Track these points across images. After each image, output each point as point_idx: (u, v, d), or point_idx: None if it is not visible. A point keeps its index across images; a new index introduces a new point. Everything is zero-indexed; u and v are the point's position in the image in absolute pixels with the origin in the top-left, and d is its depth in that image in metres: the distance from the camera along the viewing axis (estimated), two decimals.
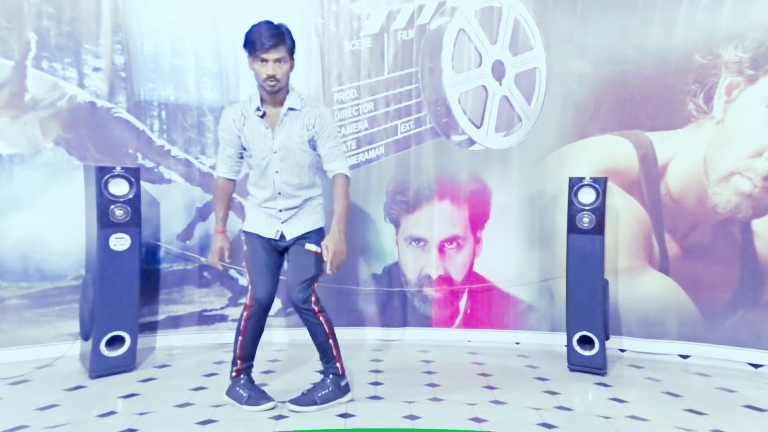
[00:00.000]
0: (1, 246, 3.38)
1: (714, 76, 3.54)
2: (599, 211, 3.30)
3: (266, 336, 3.91)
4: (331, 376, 2.79)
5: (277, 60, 2.54)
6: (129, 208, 3.14)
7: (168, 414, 2.66)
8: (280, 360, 3.54)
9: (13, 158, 3.40)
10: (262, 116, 2.66)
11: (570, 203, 3.36)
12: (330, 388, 2.77)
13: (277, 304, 3.99)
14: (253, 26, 2.59)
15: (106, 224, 3.10)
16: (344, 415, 2.66)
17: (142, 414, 2.64)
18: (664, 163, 3.70)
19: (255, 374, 3.23)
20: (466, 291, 4.01)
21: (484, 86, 3.93)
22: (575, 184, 3.35)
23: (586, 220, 3.31)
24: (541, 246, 3.92)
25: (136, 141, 3.67)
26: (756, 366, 3.50)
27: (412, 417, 2.65)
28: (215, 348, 3.73)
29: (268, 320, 3.94)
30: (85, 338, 3.21)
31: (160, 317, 3.77)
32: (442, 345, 3.93)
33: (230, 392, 2.79)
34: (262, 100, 2.66)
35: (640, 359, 3.67)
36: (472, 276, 4.01)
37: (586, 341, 3.35)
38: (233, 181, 2.83)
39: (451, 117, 3.95)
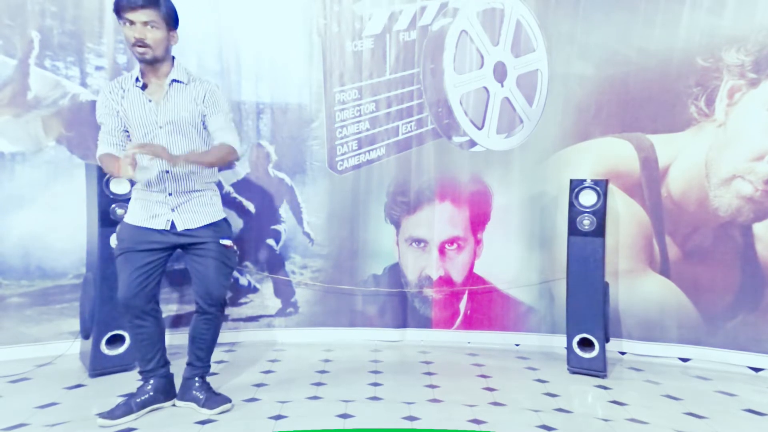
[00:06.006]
0: (2, 244, 3.39)
1: (716, 78, 3.54)
2: (600, 213, 3.30)
3: (266, 336, 3.96)
4: (204, 375, 2.75)
5: (146, 23, 2.33)
6: None
7: (167, 413, 2.66)
8: (279, 360, 3.54)
9: (15, 156, 3.41)
10: (143, 88, 2.46)
11: (571, 205, 3.36)
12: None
13: (277, 303, 3.99)
14: None
15: (107, 223, 3.09)
16: (344, 416, 2.65)
17: None
18: (665, 165, 3.70)
19: (255, 374, 3.24)
20: (467, 292, 4.01)
21: (485, 88, 3.93)
22: (576, 186, 3.35)
23: (586, 222, 3.31)
24: (541, 248, 3.92)
25: None
26: (756, 370, 3.49)
27: (411, 418, 2.65)
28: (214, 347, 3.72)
29: (269, 320, 3.99)
30: (86, 337, 3.21)
31: None
32: (442, 346, 3.93)
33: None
34: (143, 73, 2.47)
35: (640, 362, 3.67)
36: (472, 277, 4.01)
37: (586, 343, 3.35)
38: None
39: (453, 118, 3.95)
